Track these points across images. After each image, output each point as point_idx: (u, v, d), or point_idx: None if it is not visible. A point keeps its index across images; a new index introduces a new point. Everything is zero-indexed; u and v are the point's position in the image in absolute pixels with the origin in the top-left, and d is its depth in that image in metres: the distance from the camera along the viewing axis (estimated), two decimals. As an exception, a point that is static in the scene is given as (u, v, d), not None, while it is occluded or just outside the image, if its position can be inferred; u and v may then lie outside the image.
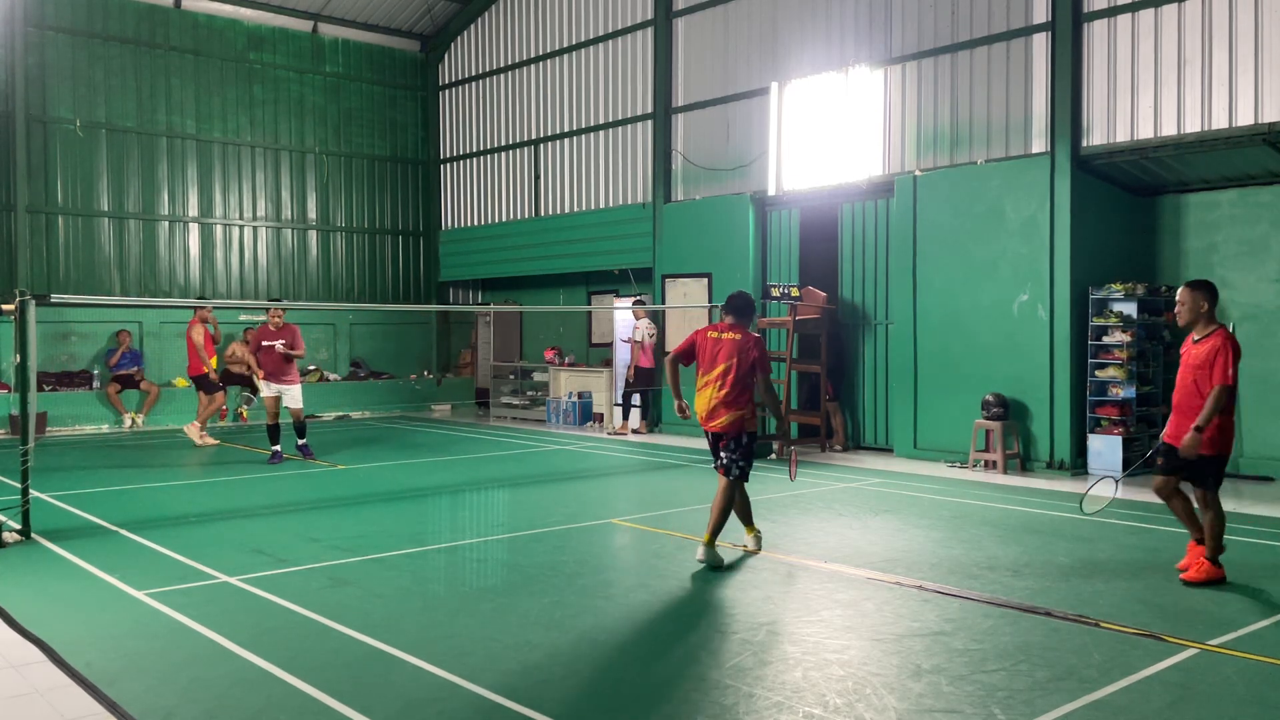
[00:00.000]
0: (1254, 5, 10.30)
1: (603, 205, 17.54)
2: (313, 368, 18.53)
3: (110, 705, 4.44)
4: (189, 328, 14.33)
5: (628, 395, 16.05)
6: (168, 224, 17.96)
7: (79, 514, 8.90)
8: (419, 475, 11.54)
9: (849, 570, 6.90)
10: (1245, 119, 10.36)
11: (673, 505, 9.48)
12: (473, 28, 20.27)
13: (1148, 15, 11.04)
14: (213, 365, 14.33)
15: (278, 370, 12.27)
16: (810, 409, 14.12)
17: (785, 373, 13.26)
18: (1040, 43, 11.79)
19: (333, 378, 19.04)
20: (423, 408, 19.62)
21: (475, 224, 20.38)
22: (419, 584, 6.58)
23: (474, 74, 20.22)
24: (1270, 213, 11.24)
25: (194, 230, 18.25)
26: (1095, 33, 11.44)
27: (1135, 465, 8.48)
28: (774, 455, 12.78)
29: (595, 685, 4.74)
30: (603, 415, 16.67)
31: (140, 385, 16.42)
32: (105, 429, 16.07)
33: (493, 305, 19.60)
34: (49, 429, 15.50)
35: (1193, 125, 10.73)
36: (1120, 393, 11.34)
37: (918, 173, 12.81)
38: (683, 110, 15.98)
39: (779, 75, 14.46)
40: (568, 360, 18.19)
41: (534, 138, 18.85)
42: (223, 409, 14.86)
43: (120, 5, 17.40)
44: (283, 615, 5.82)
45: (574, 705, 4.47)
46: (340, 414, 18.33)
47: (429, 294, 21.06)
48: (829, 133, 13.79)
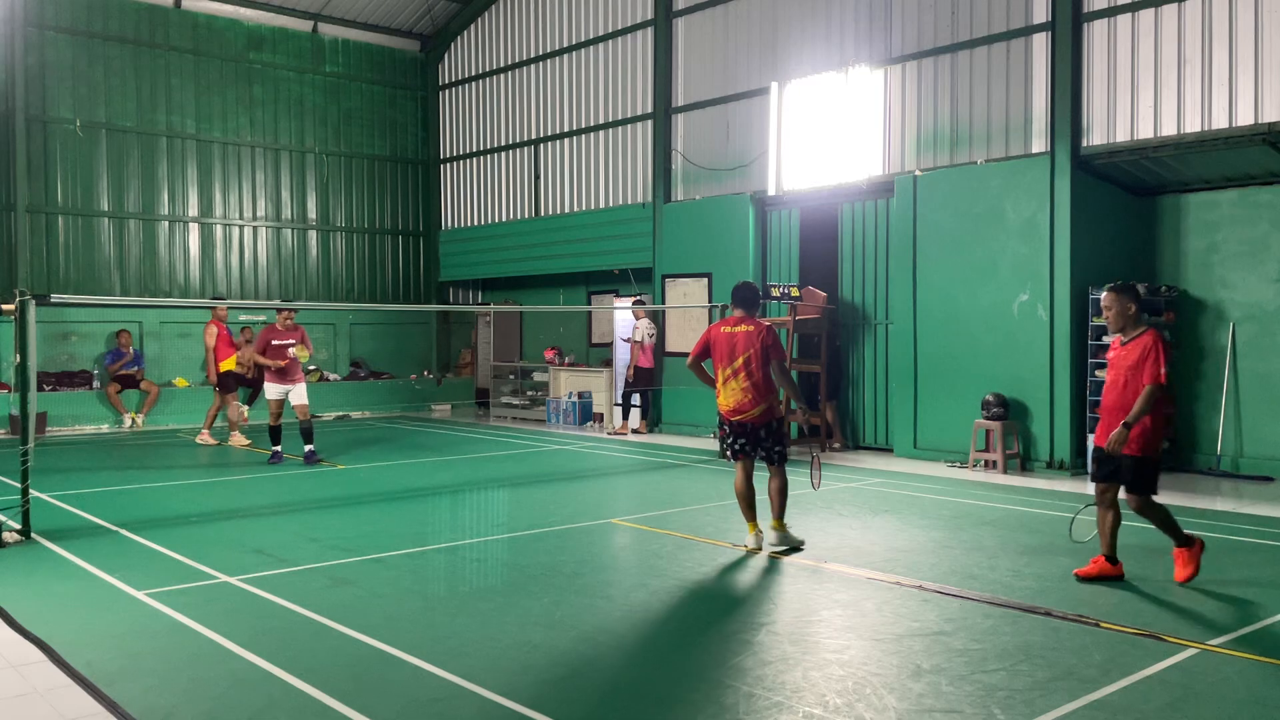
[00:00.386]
0: (1254, 5, 10.30)
1: (603, 205, 17.54)
2: (313, 367, 18.51)
3: (110, 705, 4.44)
4: (204, 330, 14.47)
5: (628, 395, 16.05)
6: (168, 224, 17.97)
7: (79, 514, 8.90)
8: (419, 475, 11.54)
9: (849, 570, 6.90)
10: (1245, 119, 10.36)
11: (673, 505, 9.48)
12: (473, 28, 20.27)
13: (1148, 15, 11.05)
14: (222, 368, 14.30)
15: (287, 370, 12.10)
16: (810, 409, 14.11)
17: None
18: (1040, 43, 11.80)
19: (333, 378, 19.04)
20: (423, 408, 19.62)
21: (475, 224, 20.38)
22: (419, 584, 6.58)
23: (474, 74, 20.22)
24: (1270, 213, 11.24)
25: (194, 230, 18.26)
26: (1095, 33, 11.45)
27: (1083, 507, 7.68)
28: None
29: (595, 685, 4.74)
30: (603, 415, 16.68)
31: (140, 385, 16.42)
32: (105, 429, 16.08)
33: (493, 305, 19.60)
34: (49, 429, 15.50)
35: (1193, 125, 10.73)
36: (1120, 393, 11.32)
37: (918, 173, 12.81)
38: (683, 110, 15.98)
39: (779, 75, 14.46)
40: (568, 360, 18.19)
41: (534, 138, 18.85)
42: (243, 415, 14.79)
43: (120, 5, 17.41)
44: (283, 615, 5.82)
45: (574, 705, 4.47)
46: (340, 414, 18.33)
47: (429, 294, 21.06)
48: (829, 133, 13.78)
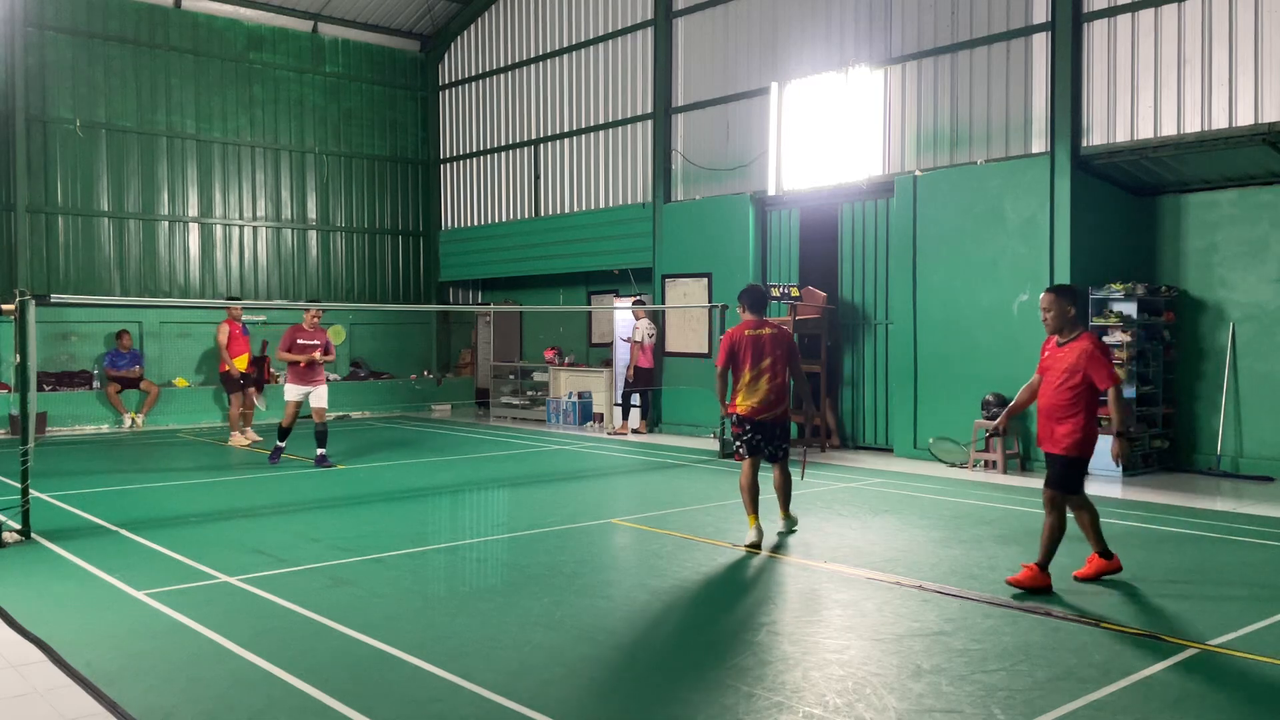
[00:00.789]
0: (1254, 5, 10.30)
1: (603, 205, 17.53)
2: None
3: (110, 705, 4.44)
4: (218, 329, 14.57)
5: (627, 395, 16.05)
6: (168, 224, 17.96)
7: (79, 514, 8.90)
8: (419, 475, 11.53)
9: (849, 570, 6.90)
10: (1245, 119, 10.36)
11: (673, 505, 9.48)
12: (473, 28, 20.27)
13: (1148, 15, 11.05)
14: (235, 365, 14.33)
15: (310, 371, 11.92)
16: (813, 408, 14.13)
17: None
18: (1040, 43, 11.79)
19: (333, 378, 19.00)
20: (423, 408, 19.62)
21: (475, 224, 20.38)
22: (419, 584, 6.58)
23: (474, 74, 20.22)
24: (1270, 213, 11.24)
25: (194, 230, 18.26)
26: (1095, 33, 11.45)
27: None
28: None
29: (595, 685, 4.74)
30: (603, 415, 16.68)
31: (140, 385, 16.42)
32: (105, 429, 16.08)
33: (493, 305, 19.60)
34: (49, 429, 15.50)
35: (1193, 125, 10.73)
36: (1120, 393, 11.33)
37: (918, 173, 12.81)
38: (683, 110, 15.98)
39: (779, 75, 14.46)
40: (568, 360, 18.19)
41: (534, 138, 18.84)
42: (255, 403, 14.82)
43: (120, 5, 17.40)
44: (283, 615, 5.82)
45: (574, 705, 4.47)
46: (340, 414, 18.32)
47: (429, 294, 21.06)
48: (829, 133, 13.78)
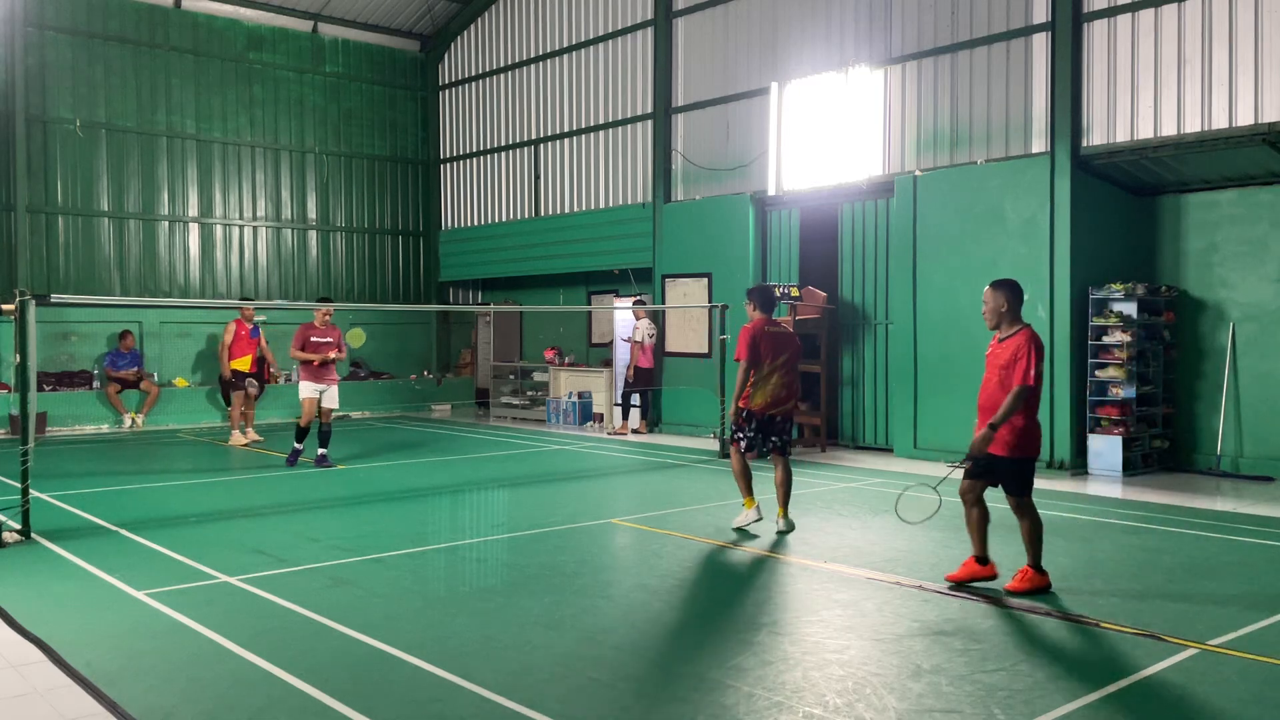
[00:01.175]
0: (1254, 5, 10.30)
1: (603, 205, 17.53)
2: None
3: (110, 705, 4.44)
4: (225, 328, 14.69)
5: (627, 395, 16.05)
6: (168, 224, 17.96)
7: (79, 514, 8.90)
8: (419, 475, 11.53)
9: (849, 570, 6.90)
10: (1245, 119, 10.36)
11: (673, 505, 9.48)
12: (473, 28, 20.27)
13: (1148, 15, 11.05)
14: (230, 366, 14.38)
15: (324, 369, 11.85)
16: (811, 409, 14.11)
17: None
18: (1040, 43, 11.79)
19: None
20: (423, 408, 19.62)
21: (475, 224, 20.37)
22: (419, 584, 6.58)
23: (474, 74, 20.22)
24: (1270, 213, 11.24)
25: (194, 230, 18.25)
26: (1095, 33, 11.45)
27: (959, 465, 6.73)
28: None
29: (595, 685, 4.74)
30: (603, 415, 16.67)
31: (140, 385, 16.42)
32: (105, 429, 16.07)
33: (493, 305, 19.60)
34: (49, 429, 15.49)
35: (1193, 125, 10.73)
36: (1120, 393, 11.34)
37: (918, 173, 12.81)
38: (683, 110, 15.98)
39: (779, 75, 14.45)
40: (568, 360, 18.19)
41: (534, 138, 18.84)
42: (250, 398, 14.85)
43: (120, 5, 17.40)
44: (283, 615, 5.82)
45: (574, 705, 4.47)
46: (340, 414, 18.31)
47: (429, 294, 21.05)
48: (829, 133, 13.78)
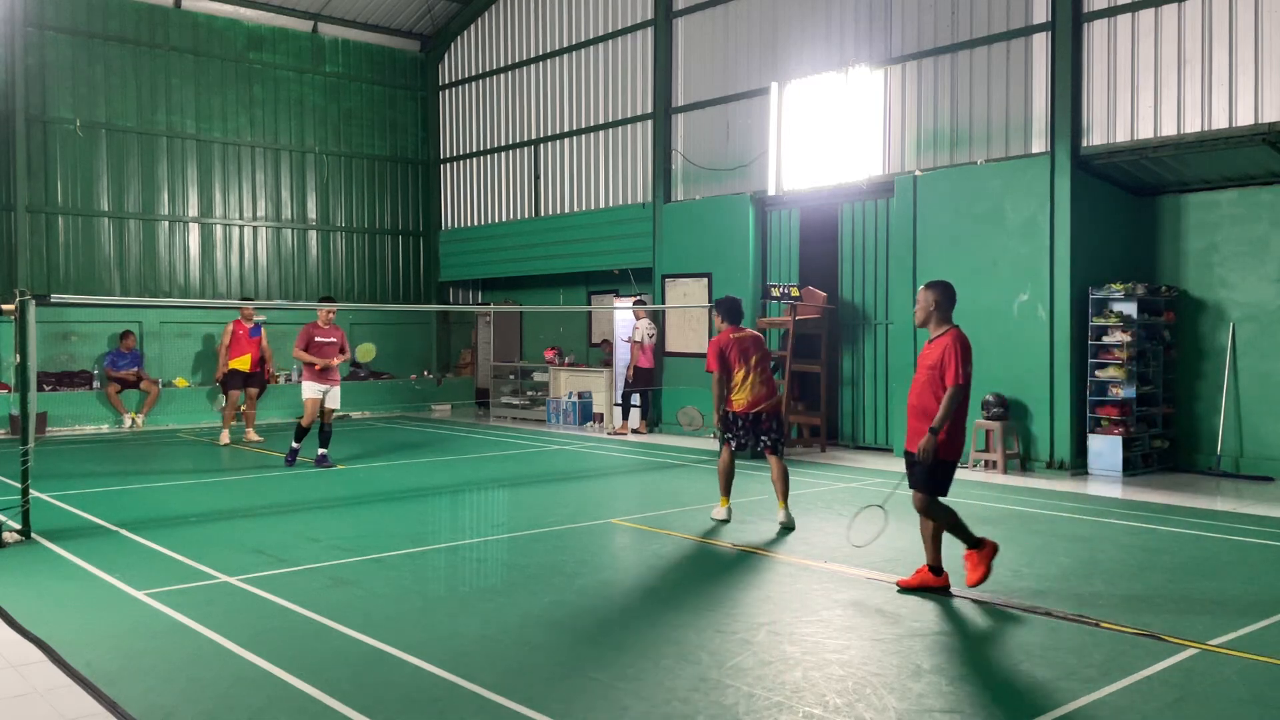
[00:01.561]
0: (1254, 5, 10.30)
1: (603, 205, 17.53)
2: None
3: (110, 705, 4.44)
4: (225, 328, 14.71)
5: (627, 395, 16.04)
6: (168, 224, 17.96)
7: (79, 514, 8.90)
8: (419, 475, 11.53)
9: (849, 570, 6.90)
10: (1245, 119, 10.36)
11: (673, 505, 9.48)
12: (473, 28, 20.27)
13: (1148, 15, 11.05)
14: (231, 365, 14.40)
15: (327, 370, 11.75)
16: (810, 409, 14.12)
17: (785, 373, 13.26)
18: (1040, 43, 11.79)
19: (332, 378, 19.03)
20: (423, 408, 19.61)
21: (475, 224, 20.37)
22: (419, 584, 6.58)
23: (474, 74, 20.22)
24: (1270, 213, 11.24)
25: (194, 230, 18.25)
26: (1095, 33, 11.44)
27: (896, 486, 7.18)
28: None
29: (595, 685, 4.74)
30: (603, 415, 16.67)
31: (140, 385, 16.41)
32: (105, 429, 16.07)
33: (493, 305, 19.60)
34: (49, 429, 15.49)
35: (1193, 125, 10.73)
36: (1120, 393, 11.34)
37: (918, 173, 12.81)
38: (683, 110, 15.98)
39: (779, 75, 14.45)
40: (568, 360, 18.19)
41: (534, 138, 18.84)
42: (238, 406, 14.87)
43: (120, 5, 17.40)
44: (283, 615, 5.82)
45: (574, 705, 4.47)
46: (340, 414, 18.30)
47: (429, 294, 21.05)
48: (829, 133, 13.78)
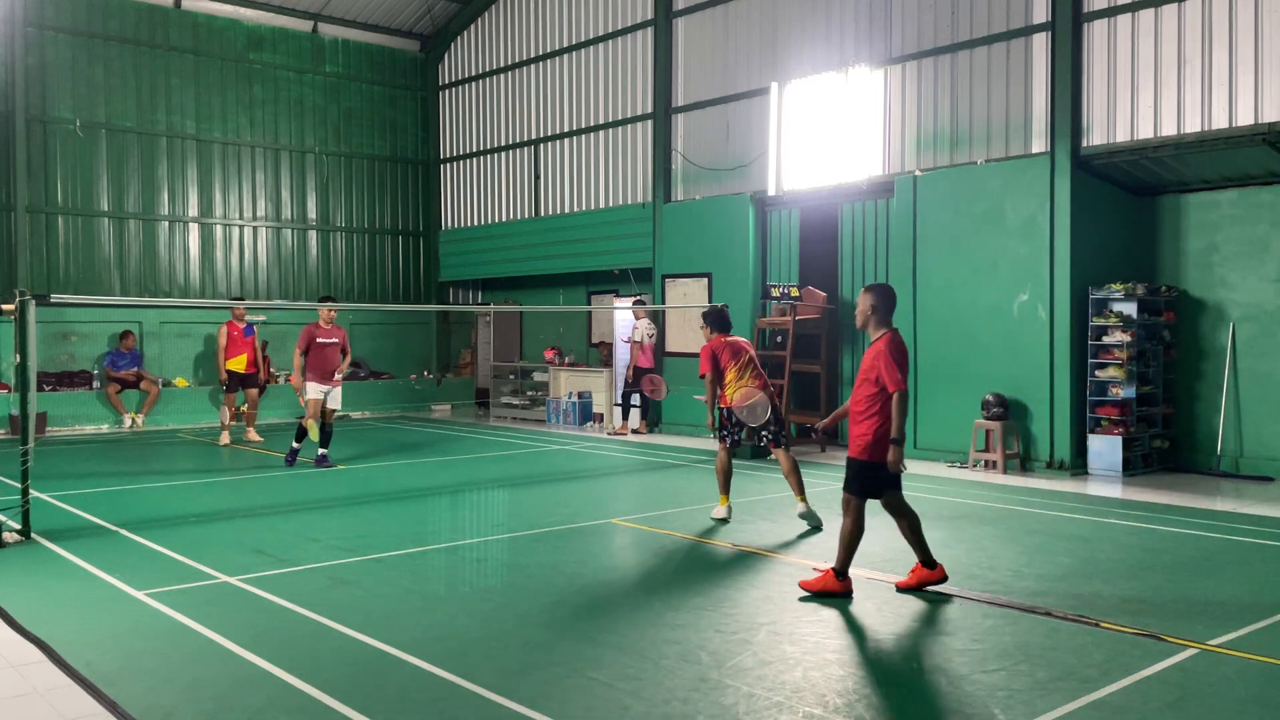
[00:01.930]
0: (1254, 5, 10.30)
1: (603, 205, 17.53)
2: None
3: (110, 705, 4.44)
4: (219, 330, 14.68)
5: (627, 395, 16.04)
6: (168, 224, 17.96)
7: (79, 514, 8.90)
8: (419, 475, 11.53)
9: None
10: (1245, 119, 10.36)
11: (673, 505, 9.48)
12: (473, 28, 20.27)
13: (1148, 15, 11.05)
14: (228, 366, 14.42)
15: (331, 371, 11.71)
16: (810, 410, 14.12)
17: (785, 373, 13.27)
18: (1040, 43, 11.79)
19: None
20: (423, 408, 19.62)
21: (475, 224, 20.38)
22: (419, 584, 6.58)
23: (474, 74, 20.22)
24: (1270, 213, 11.24)
25: (194, 230, 18.26)
26: (1095, 33, 11.45)
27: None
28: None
29: (595, 685, 4.74)
30: (602, 415, 16.67)
31: (140, 385, 16.42)
32: (105, 429, 16.08)
33: (493, 305, 19.60)
34: (49, 429, 15.50)
35: (1193, 125, 10.73)
36: (1120, 393, 11.33)
37: (918, 173, 12.81)
38: (683, 110, 15.98)
39: (779, 75, 14.45)
40: (568, 360, 18.19)
41: (534, 138, 18.84)
42: (237, 408, 14.88)
43: (120, 5, 17.40)
44: (283, 615, 5.82)
45: (574, 705, 4.47)
46: (340, 414, 18.30)
47: (429, 294, 21.06)
48: (829, 133, 13.78)
